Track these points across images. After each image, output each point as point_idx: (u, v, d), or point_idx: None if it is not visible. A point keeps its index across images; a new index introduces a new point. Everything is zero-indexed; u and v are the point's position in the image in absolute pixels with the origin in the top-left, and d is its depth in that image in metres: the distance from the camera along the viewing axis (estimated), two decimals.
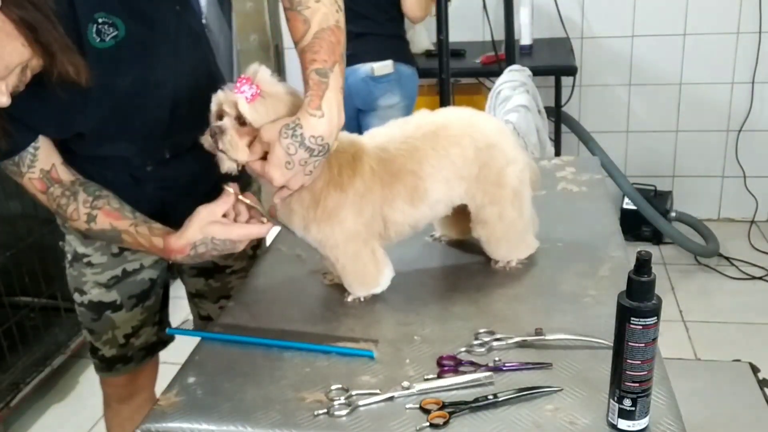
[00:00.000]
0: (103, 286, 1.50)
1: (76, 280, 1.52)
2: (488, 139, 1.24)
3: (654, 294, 0.85)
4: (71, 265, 1.53)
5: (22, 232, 2.63)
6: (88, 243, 1.47)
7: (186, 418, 0.97)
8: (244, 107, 1.10)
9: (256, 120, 1.11)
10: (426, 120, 1.26)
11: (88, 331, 1.57)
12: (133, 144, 1.32)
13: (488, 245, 1.31)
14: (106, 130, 1.27)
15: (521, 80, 2.62)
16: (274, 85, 1.14)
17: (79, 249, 1.49)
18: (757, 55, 3.43)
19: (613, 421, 0.90)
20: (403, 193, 1.20)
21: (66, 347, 2.66)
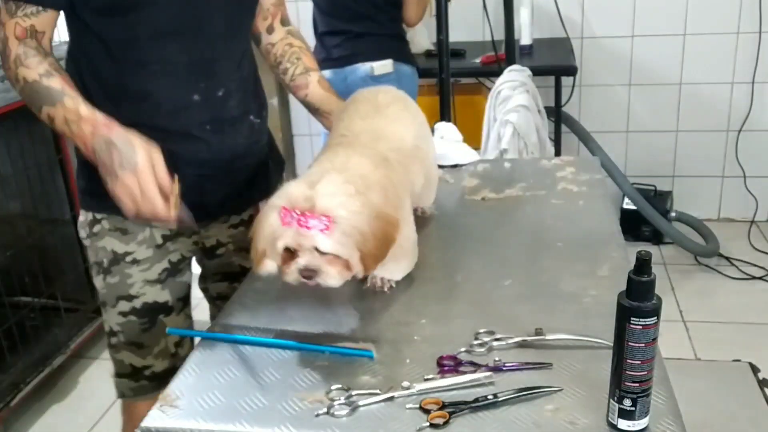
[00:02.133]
0: (155, 283, 1.45)
1: (119, 287, 1.44)
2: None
3: (654, 294, 0.85)
4: (109, 271, 1.44)
5: (22, 232, 2.63)
6: (129, 238, 1.42)
7: (186, 418, 0.97)
8: (327, 245, 1.07)
9: (343, 250, 1.09)
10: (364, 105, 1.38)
11: (134, 347, 1.47)
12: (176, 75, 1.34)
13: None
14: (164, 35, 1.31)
15: (521, 80, 2.62)
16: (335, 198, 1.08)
17: (118, 248, 1.42)
18: (757, 55, 3.43)
19: (613, 421, 0.90)
20: (418, 163, 1.33)
21: (66, 347, 2.66)
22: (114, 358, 1.51)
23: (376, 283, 1.27)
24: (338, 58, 2.79)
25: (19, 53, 1.27)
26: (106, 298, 1.46)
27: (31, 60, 1.27)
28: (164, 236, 1.45)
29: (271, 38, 1.59)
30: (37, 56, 1.28)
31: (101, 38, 1.32)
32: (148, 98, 1.34)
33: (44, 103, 1.26)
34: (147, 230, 1.43)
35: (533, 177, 1.72)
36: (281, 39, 1.59)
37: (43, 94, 1.26)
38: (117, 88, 1.34)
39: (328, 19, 2.81)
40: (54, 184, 2.69)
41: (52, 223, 2.72)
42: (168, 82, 1.34)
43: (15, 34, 1.27)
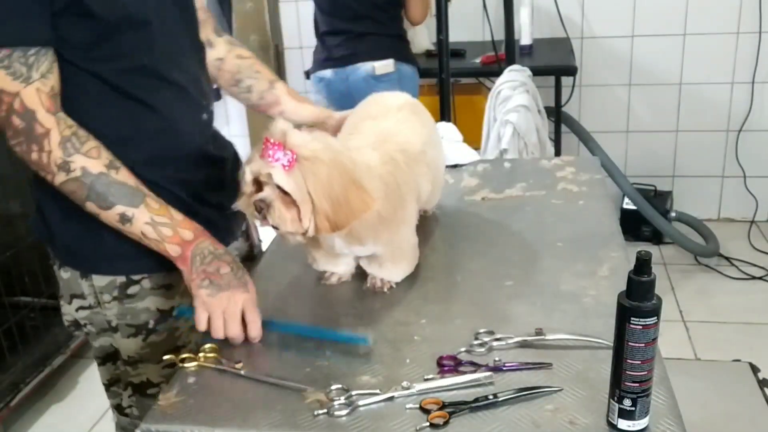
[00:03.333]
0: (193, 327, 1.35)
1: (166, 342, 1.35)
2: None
3: (654, 294, 0.85)
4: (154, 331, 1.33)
5: (22, 232, 2.63)
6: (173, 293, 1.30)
7: (186, 418, 0.97)
8: (282, 179, 1.04)
9: (297, 192, 1.05)
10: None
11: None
12: (187, 98, 1.27)
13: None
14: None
15: (521, 80, 2.62)
16: (309, 142, 1.06)
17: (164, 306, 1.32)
18: (757, 55, 3.43)
19: (613, 421, 0.90)
20: (424, 167, 1.32)
21: (66, 347, 2.66)
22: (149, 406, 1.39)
23: (376, 284, 1.27)
24: (339, 58, 2.79)
25: (67, 135, 1.10)
26: (147, 357, 1.35)
27: (88, 146, 1.11)
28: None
29: (216, 53, 1.45)
30: (90, 140, 1.12)
31: (100, 76, 1.17)
32: (167, 128, 1.25)
33: (118, 201, 1.13)
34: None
35: (533, 177, 1.72)
36: (228, 51, 1.47)
37: (118, 191, 1.12)
38: (130, 128, 1.22)
39: (330, 19, 2.81)
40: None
41: None
42: (182, 106, 1.26)
43: (44, 106, 1.08)
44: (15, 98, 1.07)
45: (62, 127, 1.10)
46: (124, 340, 1.35)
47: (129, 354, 1.36)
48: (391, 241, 1.22)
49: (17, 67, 1.06)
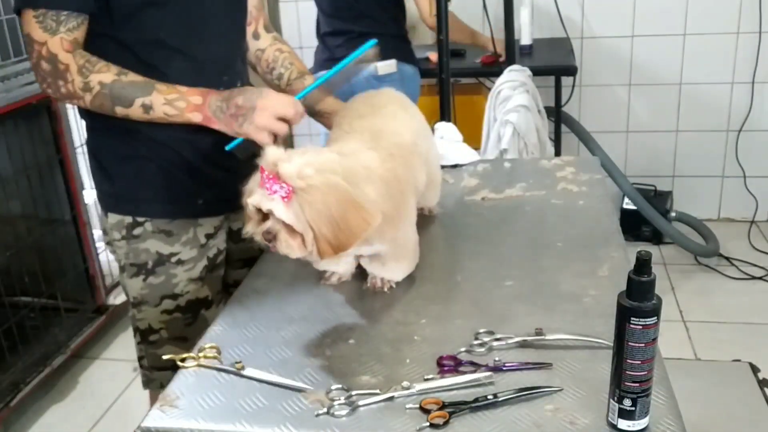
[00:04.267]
0: (198, 280, 1.50)
1: (163, 286, 1.48)
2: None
3: (654, 294, 0.85)
4: (153, 272, 1.47)
5: (22, 232, 2.63)
6: (174, 240, 1.46)
7: (186, 418, 0.97)
8: (282, 213, 1.08)
9: (297, 223, 1.08)
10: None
11: (178, 341, 1.50)
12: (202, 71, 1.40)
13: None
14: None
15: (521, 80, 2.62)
16: (303, 169, 1.08)
17: (164, 250, 1.46)
18: (757, 55, 3.43)
19: (613, 421, 0.90)
20: (418, 159, 1.33)
21: (66, 347, 2.66)
22: (153, 354, 1.53)
23: (376, 284, 1.27)
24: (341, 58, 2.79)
25: (81, 63, 1.29)
26: (147, 298, 1.49)
27: (99, 65, 1.30)
28: (207, 235, 1.50)
29: (259, 44, 1.62)
30: (100, 61, 1.31)
31: (124, 44, 1.35)
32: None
33: (136, 95, 1.31)
34: (191, 231, 1.47)
35: (533, 177, 1.72)
36: (270, 45, 1.63)
37: (131, 88, 1.30)
38: None
39: (331, 20, 2.81)
40: (54, 184, 2.69)
41: (52, 223, 2.72)
42: (195, 77, 1.37)
43: (64, 49, 1.29)
44: (43, 47, 1.29)
45: (77, 58, 1.30)
46: (129, 280, 1.49)
47: (133, 295, 1.50)
48: (394, 238, 1.23)
49: (48, 22, 1.28)
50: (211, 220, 1.50)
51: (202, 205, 1.48)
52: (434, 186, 1.49)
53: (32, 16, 1.28)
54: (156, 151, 1.42)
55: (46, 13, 1.28)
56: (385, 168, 1.20)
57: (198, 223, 1.48)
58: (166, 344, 1.52)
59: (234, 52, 1.50)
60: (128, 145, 1.42)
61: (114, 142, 1.43)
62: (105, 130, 1.44)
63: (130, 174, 1.44)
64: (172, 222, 1.45)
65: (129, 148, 1.42)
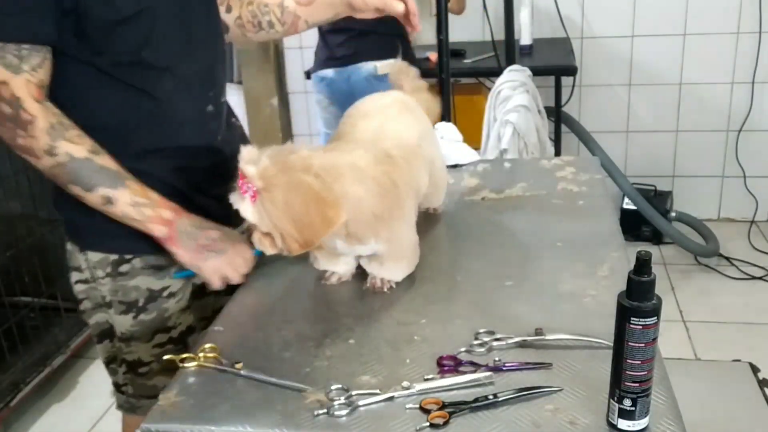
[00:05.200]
0: (186, 309, 1.42)
1: (156, 321, 1.39)
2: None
3: (654, 294, 0.85)
4: (144, 309, 1.38)
5: (22, 232, 2.63)
6: (164, 273, 1.36)
7: (186, 418, 0.97)
8: (248, 213, 1.10)
9: (261, 223, 1.10)
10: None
11: (168, 372, 1.37)
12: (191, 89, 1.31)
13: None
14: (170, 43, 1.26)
15: (521, 80, 2.62)
16: (266, 170, 1.08)
17: (155, 286, 1.37)
18: (757, 55, 3.43)
19: (613, 421, 0.90)
20: (421, 161, 1.33)
21: (66, 347, 2.66)
22: (142, 384, 1.45)
23: (376, 284, 1.27)
24: (341, 57, 2.79)
25: (53, 122, 1.15)
26: (138, 334, 1.40)
27: (71, 133, 1.17)
28: None
29: (234, 14, 1.51)
30: (74, 128, 1.18)
31: (104, 70, 1.22)
32: (167, 119, 1.30)
33: (100, 184, 1.19)
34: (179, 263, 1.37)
35: (533, 177, 1.72)
36: (240, 7, 1.51)
37: (99, 175, 1.19)
38: (129, 117, 1.27)
39: None
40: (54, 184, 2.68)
41: (52, 223, 2.72)
42: (184, 97, 1.29)
43: (32, 96, 1.14)
44: (3, 86, 1.13)
45: (48, 114, 1.15)
46: (117, 316, 1.39)
47: (122, 330, 1.40)
48: (390, 239, 1.23)
49: (9, 58, 1.12)
50: None
51: None
52: (439, 189, 1.49)
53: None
54: (144, 182, 1.28)
55: (5, 47, 1.11)
56: (379, 170, 1.20)
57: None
58: (157, 375, 1.43)
59: (217, 59, 1.39)
60: None
61: None
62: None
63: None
64: (160, 256, 1.33)
65: None
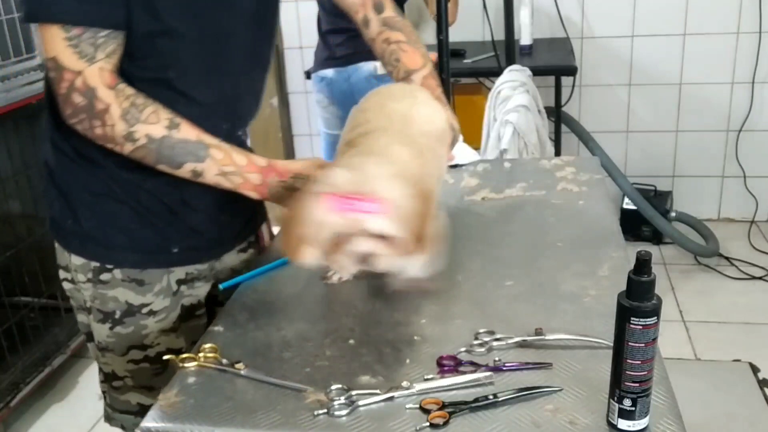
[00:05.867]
0: (170, 332, 1.36)
1: (131, 337, 1.33)
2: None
3: (654, 294, 0.85)
4: (121, 322, 1.32)
5: (22, 232, 2.63)
6: (145, 289, 1.31)
7: (186, 418, 0.97)
8: (384, 227, 1.03)
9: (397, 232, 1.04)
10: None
11: (144, 389, 1.38)
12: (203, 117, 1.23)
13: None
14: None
15: (521, 80, 2.62)
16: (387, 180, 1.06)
17: (133, 300, 1.31)
18: (757, 55, 3.43)
19: (613, 421, 0.90)
20: (445, 152, 1.32)
21: (66, 347, 2.66)
22: (115, 398, 1.42)
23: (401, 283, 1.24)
24: (341, 57, 2.79)
25: (126, 107, 1.11)
26: (113, 346, 1.35)
27: (146, 113, 1.13)
28: (179, 281, 1.37)
29: (370, 33, 1.47)
30: (147, 105, 1.13)
31: (128, 76, 1.17)
32: None
33: (185, 159, 1.15)
34: (164, 279, 1.33)
35: (533, 177, 1.72)
36: (378, 34, 1.46)
37: (180, 149, 1.15)
38: None
39: (332, 18, 2.81)
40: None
41: None
42: (196, 123, 1.21)
43: (105, 83, 1.10)
44: (77, 77, 1.09)
45: (121, 99, 1.11)
46: (95, 323, 1.35)
47: (99, 339, 1.37)
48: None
49: (84, 47, 1.08)
50: (185, 267, 1.36)
51: (177, 253, 1.33)
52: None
53: (61, 37, 1.07)
54: (132, 193, 1.26)
55: (81, 35, 1.07)
56: (416, 164, 1.18)
57: (170, 270, 1.34)
58: (130, 391, 1.39)
59: (247, 92, 1.34)
60: (101, 181, 1.25)
61: (84, 175, 1.26)
62: (75, 158, 1.25)
63: (101, 215, 1.27)
64: (143, 271, 1.30)
65: (102, 185, 1.26)
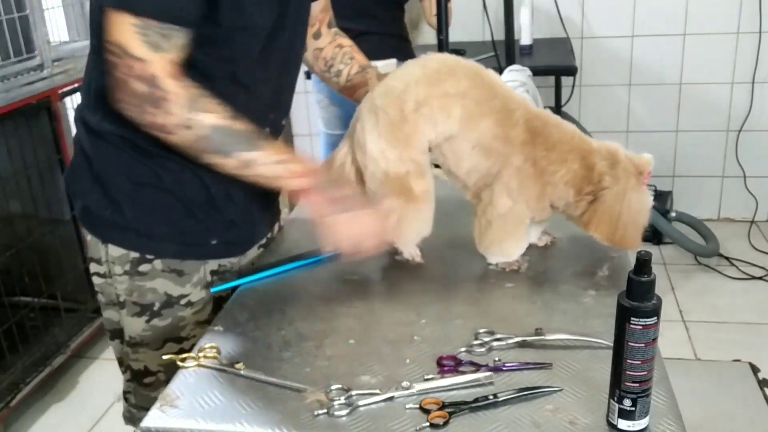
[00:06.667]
0: (205, 323, 1.35)
1: (169, 329, 1.34)
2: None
3: (654, 294, 0.85)
4: (159, 314, 1.33)
5: (22, 232, 2.63)
6: (185, 280, 1.32)
7: (186, 418, 0.97)
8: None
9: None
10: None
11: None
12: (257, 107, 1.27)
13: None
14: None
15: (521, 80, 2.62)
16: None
17: (173, 291, 1.32)
18: (757, 55, 3.43)
19: (613, 421, 0.90)
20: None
21: (66, 347, 2.66)
22: (144, 395, 1.41)
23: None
24: None
25: (190, 96, 1.11)
26: (148, 340, 1.35)
27: (209, 103, 1.13)
28: (212, 272, 1.37)
29: (319, 43, 1.50)
30: (206, 97, 1.13)
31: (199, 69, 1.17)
32: None
33: (240, 148, 1.15)
34: (201, 270, 1.34)
35: None
36: (330, 42, 1.51)
37: (237, 138, 1.15)
38: None
39: None
40: (54, 184, 2.69)
41: (52, 223, 2.72)
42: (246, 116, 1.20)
43: (169, 74, 1.10)
44: (141, 64, 1.08)
45: (182, 90, 1.11)
46: (129, 318, 1.34)
47: (131, 334, 1.36)
48: None
49: (154, 37, 1.08)
50: (220, 260, 1.38)
51: (216, 245, 1.34)
52: None
53: (131, 24, 1.06)
54: (178, 181, 1.26)
55: (152, 26, 1.07)
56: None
57: (206, 262, 1.36)
58: (162, 386, 1.36)
59: (289, 81, 1.38)
60: (149, 170, 1.25)
61: (129, 163, 1.25)
62: (120, 145, 1.24)
63: (144, 205, 1.27)
64: (183, 262, 1.32)
65: (148, 173, 1.25)
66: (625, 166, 1.22)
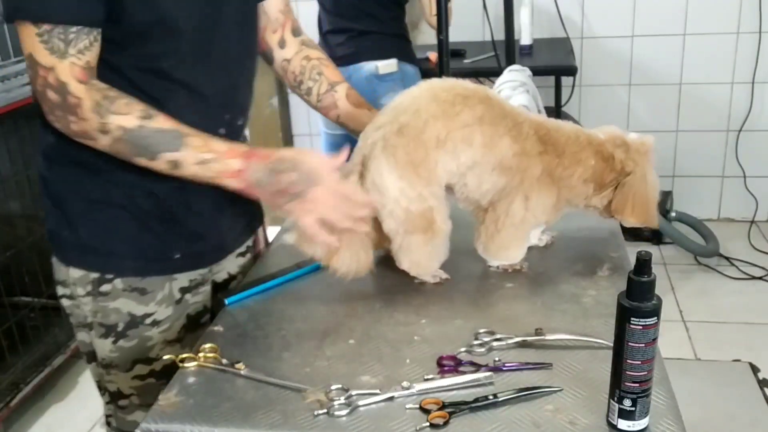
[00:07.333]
0: (175, 342, 1.32)
1: (136, 350, 1.30)
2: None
3: (654, 294, 0.85)
4: (124, 335, 1.29)
5: (22, 232, 2.63)
6: (148, 298, 1.27)
7: (186, 418, 0.97)
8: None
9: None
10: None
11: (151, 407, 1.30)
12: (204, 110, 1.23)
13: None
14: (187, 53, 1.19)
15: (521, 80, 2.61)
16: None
17: (136, 311, 1.28)
18: (757, 55, 3.43)
19: (613, 421, 0.90)
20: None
21: (66, 347, 2.66)
22: (122, 419, 1.37)
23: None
24: (342, 57, 2.79)
25: (97, 100, 1.09)
26: (117, 361, 1.31)
27: (118, 104, 1.09)
28: (182, 289, 1.32)
29: (285, 53, 1.44)
30: (120, 98, 1.10)
31: (118, 69, 1.15)
32: None
33: (161, 149, 1.11)
34: (166, 287, 1.29)
35: None
36: (296, 53, 1.44)
37: (156, 139, 1.11)
38: None
39: (333, 18, 2.81)
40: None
41: None
42: (196, 116, 1.18)
43: (76, 78, 1.08)
44: (49, 72, 1.07)
45: (92, 92, 1.09)
46: (98, 339, 1.31)
47: (101, 356, 1.33)
48: None
49: (55, 42, 1.06)
50: (188, 274, 1.32)
51: (179, 259, 1.29)
52: None
53: (35, 33, 1.05)
54: (131, 197, 1.22)
55: (51, 31, 1.05)
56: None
57: (173, 278, 1.30)
58: (137, 410, 1.35)
59: (242, 81, 1.32)
60: (99, 187, 1.22)
61: (79, 182, 1.22)
62: (69, 165, 1.22)
63: (100, 223, 1.23)
64: (144, 279, 1.27)
65: (99, 191, 1.22)
66: (637, 148, 1.29)
